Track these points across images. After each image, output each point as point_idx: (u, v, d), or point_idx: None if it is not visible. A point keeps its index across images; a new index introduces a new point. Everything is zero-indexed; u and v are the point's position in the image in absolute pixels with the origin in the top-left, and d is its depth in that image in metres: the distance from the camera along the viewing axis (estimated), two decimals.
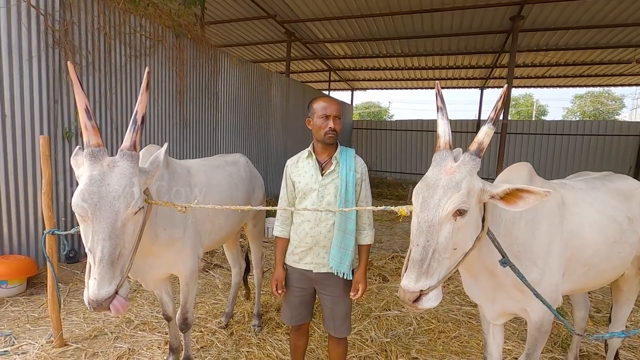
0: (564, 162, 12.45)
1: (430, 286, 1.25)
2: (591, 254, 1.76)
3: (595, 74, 11.62)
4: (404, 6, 7.40)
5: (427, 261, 1.25)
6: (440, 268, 1.28)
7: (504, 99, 1.33)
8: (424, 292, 1.25)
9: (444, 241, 1.26)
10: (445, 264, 1.29)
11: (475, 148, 1.32)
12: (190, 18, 5.59)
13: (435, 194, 1.27)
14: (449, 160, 1.33)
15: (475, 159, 1.31)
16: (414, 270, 1.26)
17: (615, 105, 30.24)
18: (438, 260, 1.26)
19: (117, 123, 4.52)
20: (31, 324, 2.87)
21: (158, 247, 1.82)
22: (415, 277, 1.26)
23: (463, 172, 1.28)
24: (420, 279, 1.25)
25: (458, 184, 1.26)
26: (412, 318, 3.22)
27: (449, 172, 1.30)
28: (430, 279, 1.26)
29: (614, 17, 7.33)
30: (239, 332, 2.90)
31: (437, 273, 1.27)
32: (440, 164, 1.34)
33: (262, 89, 8.19)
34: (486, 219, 1.40)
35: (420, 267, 1.26)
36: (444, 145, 1.37)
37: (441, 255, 1.26)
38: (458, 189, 1.25)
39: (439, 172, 1.32)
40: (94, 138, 1.36)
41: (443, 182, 1.28)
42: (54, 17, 3.68)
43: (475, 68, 11.82)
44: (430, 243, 1.26)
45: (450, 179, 1.28)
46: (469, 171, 1.29)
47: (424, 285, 1.25)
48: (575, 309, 2.55)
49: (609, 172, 2.25)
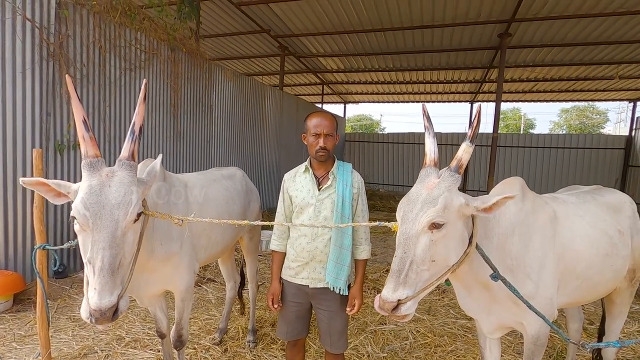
0: (553, 174, 12.69)
1: (408, 295, 1.30)
2: (584, 266, 1.79)
3: (580, 89, 11.98)
4: (395, 22, 7.58)
5: (404, 272, 1.31)
6: (418, 279, 1.32)
7: (478, 117, 1.40)
8: (402, 302, 1.30)
9: (421, 253, 1.31)
10: (423, 275, 1.33)
11: (455, 165, 1.39)
12: (185, 32, 5.64)
13: (415, 208, 1.34)
14: (432, 176, 1.40)
15: (454, 175, 1.37)
16: (392, 280, 1.32)
17: (600, 119, 31.10)
18: (416, 271, 1.31)
19: (110, 135, 4.49)
20: (17, 342, 2.78)
21: (154, 262, 1.80)
22: (393, 287, 1.31)
23: (442, 188, 1.35)
24: (398, 289, 1.31)
25: (435, 199, 1.33)
26: (408, 332, 3.20)
27: (429, 187, 1.37)
28: (408, 289, 1.31)
29: (597, 35, 7.61)
30: (233, 348, 2.85)
31: (415, 283, 1.32)
32: (424, 180, 1.41)
33: (256, 102, 8.25)
34: (474, 234, 1.43)
35: (398, 277, 1.31)
36: (429, 162, 1.45)
37: (419, 266, 1.31)
38: (434, 204, 1.31)
39: (421, 187, 1.40)
40: (92, 149, 1.37)
41: (422, 197, 1.35)
42: (49, 30, 3.68)
43: (464, 83, 12.09)
44: (408, 254, 1.32)
45: (429, 194, 1.35)
46: (447, 187, 1.35)
47: (401, 295, 1.30)
48: (570, 321, 2.57)
49: (599, 186, 2.31)
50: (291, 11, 7.34)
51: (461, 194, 1.39)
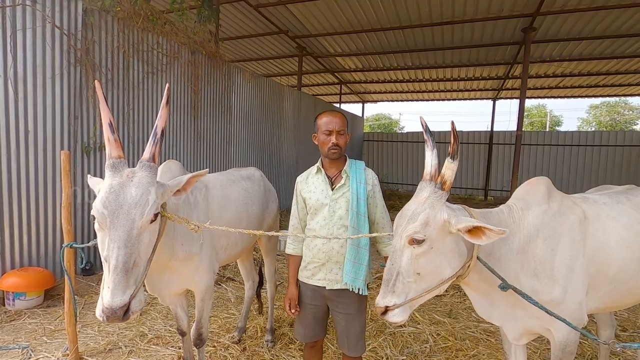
0: (581, 173, 12.17)
1: (396, 303, 1.37)
2: (617, 270, 1.70)
3: (611, 83, 11.43)
4: (414, 20, 7.47)
5: (392, 281, 1.38)
6: (406, 289, 1.38)
7: (454, 134, 1.39)
8: (390, 308, 1.37)
9: (405, 266, 1.37)
10: (411, 287, 1.38)
11: (439, 182, 1.40)
12: (205, 35, 5.74)
13: (403, 223, 1.40)
14: (425, 191, 1.42)
15: (438, 191, 1.39)
16: (383, 287, 1.40)
17: (632, 115, 29.58)
18: (402, 282, 1.37)
19: (134, 137, 4.62)
20: (48, 336, 2.90)
21: (176, 262, 1.83)
22: (382, 294, 1.39)
23: (425, 205, 1.38)
24: (387, 296, 1.38)
25: (416, 215, 1.37)
26: (428, 335, 3.14)
27: (419, 203, 1.41)
28: (397, 298, 1.37)
29: (630, 27, 7.24)
30: (251, 347, 2.87)
31: (404, 293, 1.38)
32: (417, 195, 1.45)
33: (274, 102, 8.31)
34: (475, 247, 1.43)
35: (387, 286, 1.39)
36: (426, 176, 1.46)
37: (404, 278, 1.37)
38: (414, 220, 1.36)
39: (413, 202, 1.44)
40: (116, 150, 1.41)
41: (410, 212, 1.40)
42: (77, 37, 3.83)
43: (487, 79, 11.76)
44: (395, 266, 1.38)
45: (415, 210, 1.39)
46: (430, 204, 1.37)
47: (389, 302, 1.37)
48: (601, 328, 2.45)
49: (632, 186, 2.18)
50: (309, 11, 7.35)
51: (450, 210, 1.38)
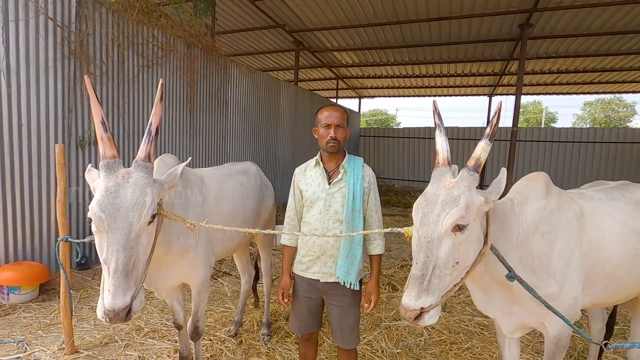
0: (575, 170, 12.28)
1: (432, 303, 1.24)
2: (613, 266, 1.72)
3: (606, 80, 11.51)
4: (411, 15, 7.44)
5: (427, 277, 1.24)
6: (441, 284, 1.27)
7: (498, 114, 1.34)
8: (425, 310, 1.24)
9: (444, 257, 1.25)
10: (446, 280, 1.28)
11: (473, 164, 1.34)
12: (201, 28, 5.69)
13: (435, 210, 1.28)
14: (447, 176, 1.35)
15: (474, 174, 1.32)
16: (415, 287, 1.25)
17: (627, 112, 29.82)
18: (439, 276, 1.25)
19: (129, 131, 4.59)
20: (43, 330, 2.89)
21: (172, 256, 1.83)
22: (415, 295, 1.24)
23: (461, 188, 1.30)
24: (421, 296, 1.24)
25: (456, 199, 1.27)
26: (423, 329, 3.16)
27: (447, 187, 1.31)
28: (432, 296, 1.24)
29: (625, 24, 7.27)
30: (248, 341, 2.89)
31: (438, 290, 1.26)
32: (439, 180, 1.35)
33: (271, 97, 8.27)
34: (489, 234, 1.39)
35: (421, 283, 1.24)
36: (443, 161, 1.40)
37: (442, 271, 1.26)
38: (456, 204, 1.26)
39: (437, 187, 1.34)
40: (110, 150, 1.38)
41: (442, 197, 1.29)
42: (70, 29, 3.77)
43: (483, 76, 11.79)
44: (430, 259, 1.25)
45: (449, 194, 1.29)
46: (467, 186, 1.30)
47: (424, 303, 1.24)
48: (592, 321, 2.49)
49: (626, 182, 2.21)
50: (306, 5, 7.29)
51: (480, 192, 1.35)
